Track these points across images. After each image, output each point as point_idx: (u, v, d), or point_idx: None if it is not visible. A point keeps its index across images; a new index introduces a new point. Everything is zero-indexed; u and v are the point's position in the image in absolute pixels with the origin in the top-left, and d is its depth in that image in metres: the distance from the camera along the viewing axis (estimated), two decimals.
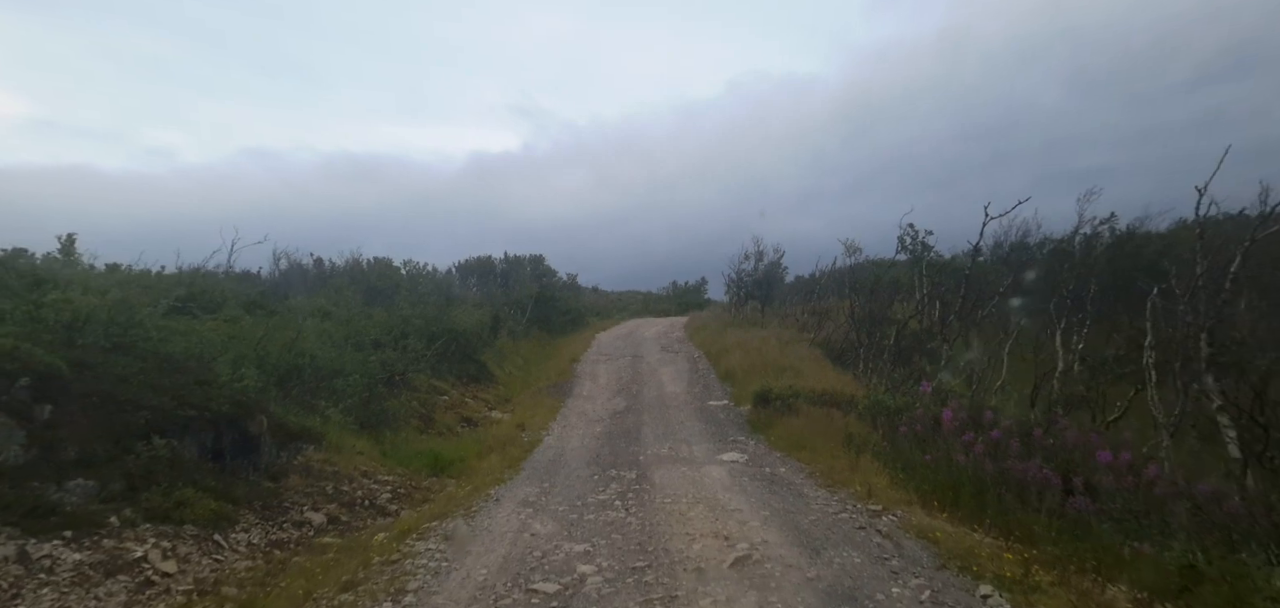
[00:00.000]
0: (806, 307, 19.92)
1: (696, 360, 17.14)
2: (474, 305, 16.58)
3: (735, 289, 21.66)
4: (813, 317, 18.81)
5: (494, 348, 17.57)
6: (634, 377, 15.23)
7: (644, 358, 18.22)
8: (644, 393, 13.11)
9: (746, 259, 21.15)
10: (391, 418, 9.65)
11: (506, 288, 21.65)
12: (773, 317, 20.83)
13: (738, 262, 21.13)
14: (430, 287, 17.98)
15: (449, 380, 14.20)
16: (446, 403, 12.72)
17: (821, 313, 18.81)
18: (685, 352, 18.89)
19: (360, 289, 15.37)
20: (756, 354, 14.12)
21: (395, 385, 11.61)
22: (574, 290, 30.44)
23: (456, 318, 14.51)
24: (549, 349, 21.33)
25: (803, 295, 21.57)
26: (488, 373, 16.09)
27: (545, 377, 16.29)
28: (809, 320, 18.65)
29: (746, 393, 11.52)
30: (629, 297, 42.88)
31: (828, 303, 20.26)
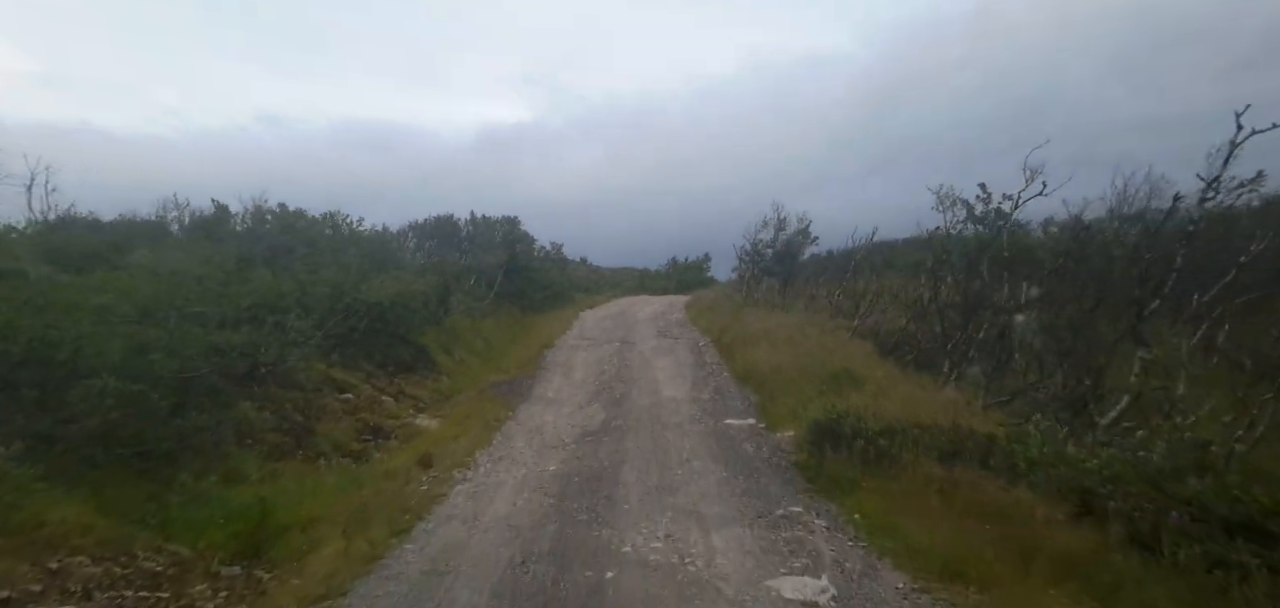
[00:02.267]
0: (838, 287, 16.05)
1: (702, 351, 13.28)
2: (415, 274, 12.74)
3: (750, 264, 17.71)
4: (848, 299, 14.94)
5: (442, 327, 13.66)
6: (620, 372, 11.37)
7: (635, 345, 14.35)
8: (631, 399, 9.26)
9: (764, 228, 17.25)
10: (207, 443, 5.76)
11: (473, 254, 17.77)
12: (796, 298, 16.93)
13: (754, 231, 17.24)
14: (366, 248, 14.12)
15: (364, 371, 10.31)
16: (347, 405, 8.84)
17: (857, 295, 14.93)
18: (687, 339, 15.02)
19: (263, 246, 11.54)
20: (789, 347, 10.26)
21: (259, 381, 7.71)
22: (558, 262, 26.51)
23: (378, 288, 10.59)
24: (519, 330, 17.43)
25: (831, 274, 17.68)
26: (428, 360, 12.20)
27: (505, 366, 12.41)
28: (844, 303, 14.79)
29: (782, 408, 7.69)
30: (623, 273, 38.89)
31: (860, 283, 16.37)
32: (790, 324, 12.35)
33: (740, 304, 17.71)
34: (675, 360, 12.31)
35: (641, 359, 12.60)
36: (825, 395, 7.38)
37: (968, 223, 12.70)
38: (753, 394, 9.00)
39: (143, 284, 7.34)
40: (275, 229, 11.93)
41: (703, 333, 15.79)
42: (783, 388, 8.37)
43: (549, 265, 25.23)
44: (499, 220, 19.54)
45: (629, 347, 14.21)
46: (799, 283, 18.03)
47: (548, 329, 17.22)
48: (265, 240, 11.77)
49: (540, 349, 14.33)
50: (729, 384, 9.87)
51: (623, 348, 14.06)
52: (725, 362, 11.62)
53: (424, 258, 18.56)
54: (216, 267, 9.60)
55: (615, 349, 13.96)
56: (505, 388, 10.41)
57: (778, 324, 12.44)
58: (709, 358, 12.41)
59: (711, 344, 13.95)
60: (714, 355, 12.65)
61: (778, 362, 9.60)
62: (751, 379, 9.66)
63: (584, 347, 14.52)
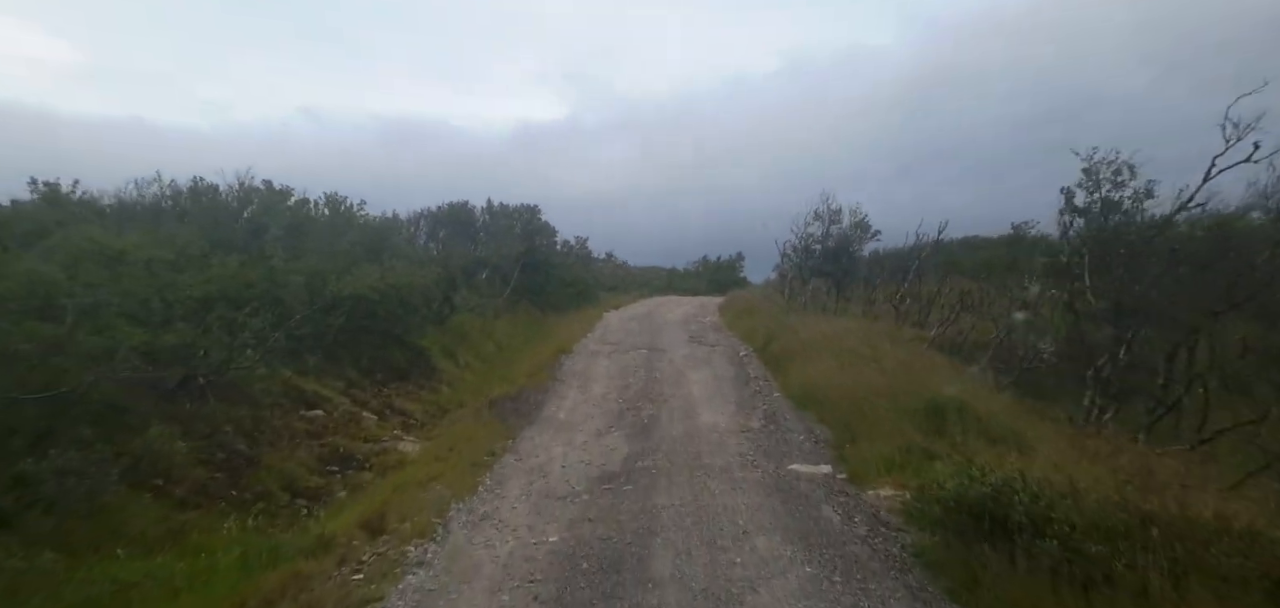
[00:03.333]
0: (900, 289, 13.86)
1: (743, 362, 11.32)
2: (417, 264, 11.13)
3: (799, 261, 15.58)
4: (914, 304, 12.76)
5: (447, 327, 12.02)
6: (647, 387, 9.50)
7: (665, 353, 12.46)
8: (662, 426, 7.39)
9: (815, 221, 15.09)
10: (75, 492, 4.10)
11: (489, 246, 16.15)
12: (850, 301, 14.78)
13: (803, 224, 15.12)
14: (365, 234, 12.61)
15: (345, 380, 8.68)
16: (314, 425, 7.19)
17: (928, 299, 12.75)
18: (725, 347, 13.07)
19: (244, 229, 10.09)
20: (859, 362, 8.26)
21: (195, 395, 6.10)
22: (581, 257, 24.81)
23: (365, 279, 8.96)
24: (536, 332, 15.73)
25: (886, 276, 15.47)
26: (427, 366, 10.55)
27: (514, 376, 10.66)
28: (910, 309, 12.62)
29: (868, 451, 5.71)
30: (651, 272, 37.05)
31: (927, 286, 14.14)
32: (852, 333, 10.29)
33: (784, 307, 15.65)
34: (712, 373, 10.39)
35: (673, 371, 10.70)
36: (928, 435, 5.36)
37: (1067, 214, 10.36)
38: (818, 426, 7.01)
39: (54, 270, 5.85)
40: (259, 210, 10.52)
41: (742, 340, 13.80)
42: (861, 419, 6.37)
43: (572, 261, 23.52)
44: (517, 209, 17.99)
45: (658, 355, 12.34)
46: (854, 284, 15.85)
47: (567, 331, 15.47)
48: (252, 222, 10.36)
49: (556, 355, 12.56)
50: (784, 409, 7.90)
51: (651, 356, 12.19)
52: (774, 378, 9.63)
53: (436, 249, 17.02)
54: (179, 250, 8.09)
55: (642, 357, 12.10)
56: (510, 405, 8.64)
57: (836, 332, 10.39)
58: (753, 372, 10.44)
59: (754, 355, 11.97)
60: (758, 368, 10.67)
61: (847, 382, 7.59)
62: (812, 404, 7.68)
63: (606, 353, 12.70)
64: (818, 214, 15.02)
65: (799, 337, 10.49)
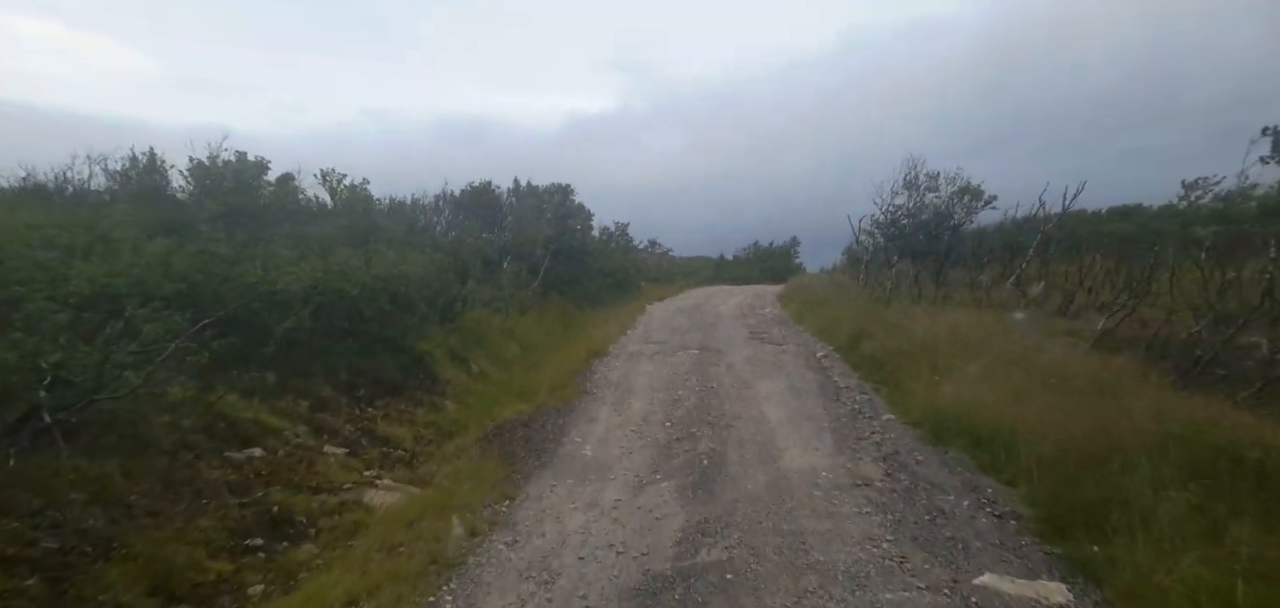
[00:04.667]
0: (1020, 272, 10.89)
1: (825, 367, 8.78)
2: (419, 252, 9.13)
3: (885, 239, 12.66)
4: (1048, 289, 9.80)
5: (457, 326, 10.00)
6: (702, 404, 7.16)
7: (721, 355, 10.05)
8: (729, 469, 5.03)
9: (907, 190, 12.08)
10: None
11: (514, 232, 14.13)
12: (951, 286, 11.87)
13: (888, 195, 12.19)
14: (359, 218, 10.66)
15: (313, 399, 6.68)
16: (245, 471, 5.14)
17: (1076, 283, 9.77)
18: (796, 346, 10.52)
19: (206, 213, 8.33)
20: (1008, 372, 5.58)
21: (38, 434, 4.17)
22: (621, 245, 22.57)
23: (340, 267, 6.93)
24: (567, 329, 13.59)
25: (995, 254, 12.44)
26: (428, 375, 8.52)
27: (535, 386, 8.50)
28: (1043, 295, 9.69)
29: (1132, 549, 3.12)
30: (698, 262, 34.47)
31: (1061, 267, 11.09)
32: (979, 329, 7.54)
33: (865, 295, 12.88)
34: (788, 384, 7.90)
35: (734, 380, 8.28)
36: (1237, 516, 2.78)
37: None
38: (987, 480, 4.45)
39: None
40: (230, 187, 8.76)
41: (818, 338, 11.20)
42: (1078, 475, 3.79)
43: (611, 248, 21.32)
44: (547, 189, 15.83)
45: (712, 357, 9.93)
46: (953, 267, 12.88)
47: (603, 329, 13.26)
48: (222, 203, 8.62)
49: (589, 358, 10.36)
50: (911, 445, 5.36)
51: (703, 359, 9.81)
52: (879, 393, 7.06)
53: (456, 235, 15.13)
54: (98, 235, 6.31)
55: (693, 361, 9.73)
56: (521, 433, 6.45)
57: (957, 328, 7.67)
58: (843, 381, 7.88)
59: (837, 357, 9.39)
60: (849, 376, 8.11)
61: (1012, 407, 4.96)
62: (959, 438, 5.11)
63: (649, 355, 10.40)
64: (908, 182, 12.16)
65: (907, 334, 7.84)
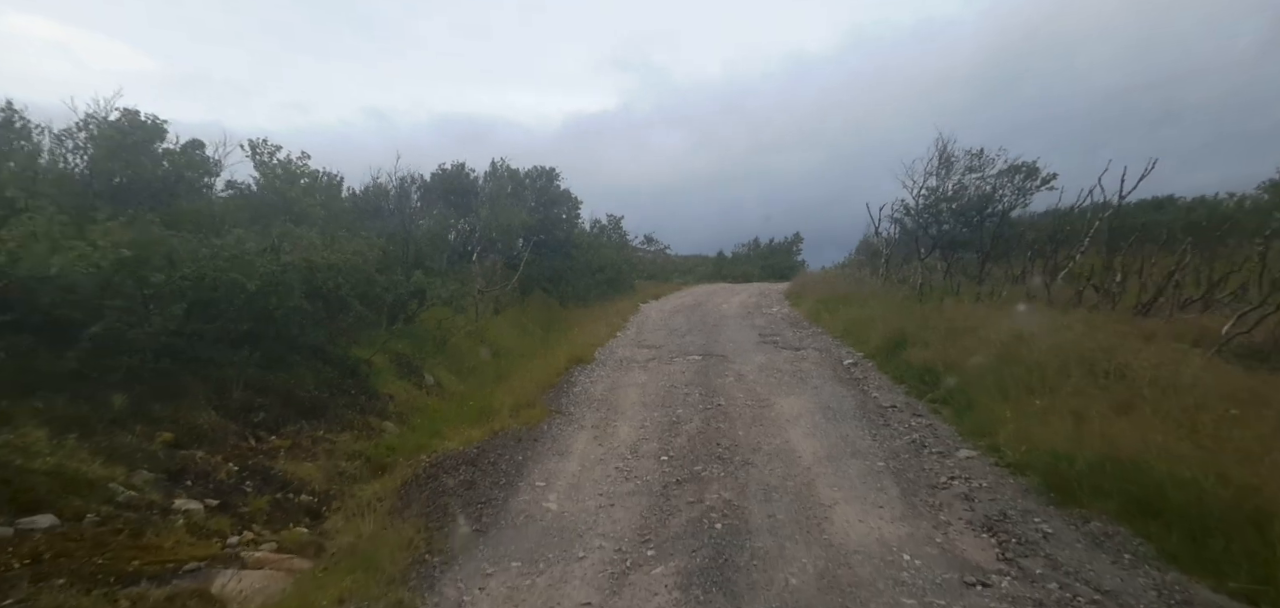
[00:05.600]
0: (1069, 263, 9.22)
1: (859, 379, 7.09)
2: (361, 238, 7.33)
3: (920, 225, 10.84)
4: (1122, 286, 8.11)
5: (413, 328, 8.28)
6: (709, 429, 5.48)
7: (728, 362, 8.36)
8: (757, 539, 3.31)
9: (944, 169, 10.26)
10: None
11: (490, 221, 12.35)
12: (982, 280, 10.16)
13: (922, 174, 10.43)
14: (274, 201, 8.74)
15: (184, 429, 4.92)
16: (23, 551, 3.38)
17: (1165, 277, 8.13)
18: (817, 351, 8.82)
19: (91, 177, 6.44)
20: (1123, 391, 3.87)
21: None
22: (614, 240, 20.82)
23: (232, 253, 5.18)
24: (550, 331, 11.87)
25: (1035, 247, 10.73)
26: (364, 390, 6.77)
27: (498, 404, 6.75)
28: (1116, 289, 8.01)
29: None
30: (696, 260, 32.75)
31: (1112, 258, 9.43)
32: (1053, 331, 5.83)
33: (892, 292, 11.17)
34: (816, 402, 6.22)
35: (748, 395, 6.59)
36: None
37: None
38: (1212, 592, 2.72)
39: None
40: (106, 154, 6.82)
41: (840, 340, 9.51)
42: None
43: (603, 243, 19.59)
44: (529, 174, 14.01)
45: (718, 365, 8.24)
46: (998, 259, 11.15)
47: (590, 331, 11.55)
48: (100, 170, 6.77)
49: (570, 366, 8.67)
50: (1023, 505, 3.65)
51: (707, 368, 8.11)
52: (940, 415, 5.36)
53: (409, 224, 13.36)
54: None
55: (694, 370, 8.03)
56: (464, 475, 4.73)
57: (1027, 331, 5.95)
58: (885, 397, 6.19)
59: (871, 366, 7.71)
60: (891, 391, 6.42)
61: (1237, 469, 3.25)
62: (1117, 500, 3.40)
63: (641, 363, 8.69)
64: (944, 159, 10.43)
65: (972, 339, 6.13)
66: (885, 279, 13.57)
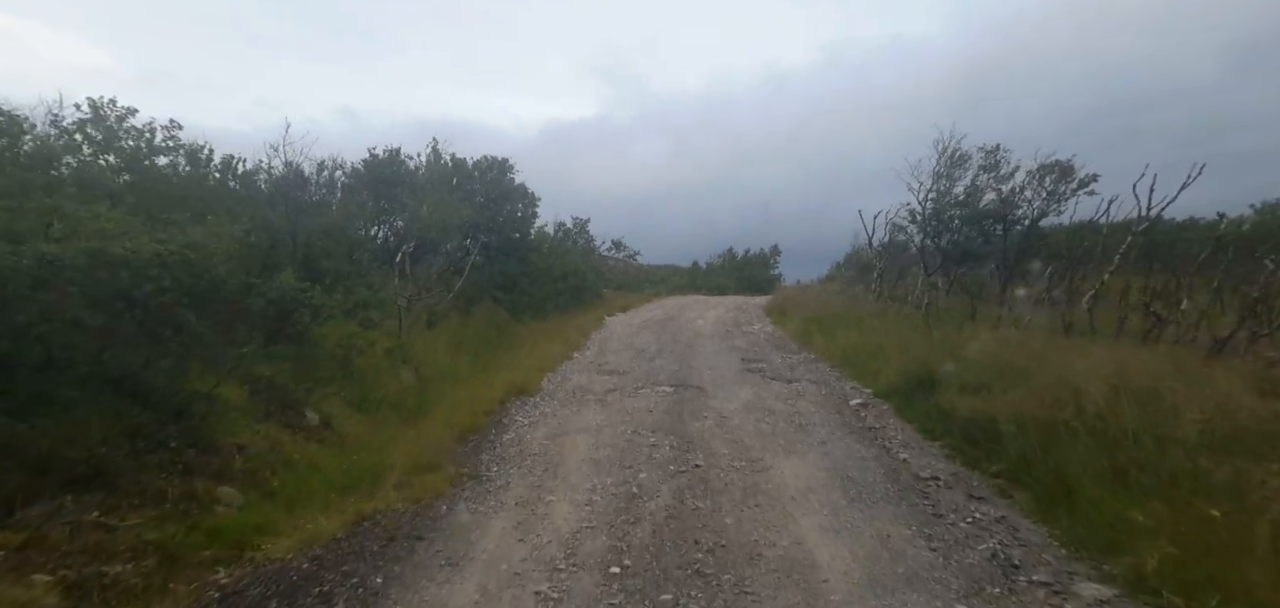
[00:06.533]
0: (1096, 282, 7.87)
1: (878, 428, 5.47)
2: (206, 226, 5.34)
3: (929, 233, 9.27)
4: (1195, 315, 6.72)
5: (296, 349, 6.30)
6: (682, 509, 3.74)
7: (706, 397, 6.63)
8: None
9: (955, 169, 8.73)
10: None
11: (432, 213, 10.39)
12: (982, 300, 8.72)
13: (931, 176, 8.85)
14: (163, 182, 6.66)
15: None
16: None
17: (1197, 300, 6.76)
18: (813, 382, 7.18)
19: None
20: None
21: None
22: (580, 246, 18.99)
23: None
24: (493, 350, 9.98)
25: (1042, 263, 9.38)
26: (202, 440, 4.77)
27: (388, 463, 4.85)
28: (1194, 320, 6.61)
29: None
30: (669, 270, 31.12)
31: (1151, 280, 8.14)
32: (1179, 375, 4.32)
33: (891, 310, 9.64)
34: (828, 465, 4.56)
35: (734, 450, 4.88)
36: None
37: None
38: None
39: None
40: None
41: (839, 370, 7.90)
42: None
43: (566, 248, 17.76)
44: (477, 164, 12.05)
45: (694, 401, 6.51)
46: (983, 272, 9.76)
47: (542, 350, 9.71)
48: None
49: (509, 396, 6.86)
50: None
51: (679, 404, 6.37)
52: (1013, 500, 3.74)
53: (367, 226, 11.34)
54: None
55: (664, 407, 6.28)
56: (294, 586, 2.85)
57: (1128, 368, 4.42)
58: (918, 460, 4.58)
59: (886, 408, 6.09)
60: (924, 451, 4.82)
61: None
62: None
63: (597, 396, 6.90)
64: (955, 158, 8.94)
65: (1041, 378, 4.54)
66: (878, 296, 12.13)
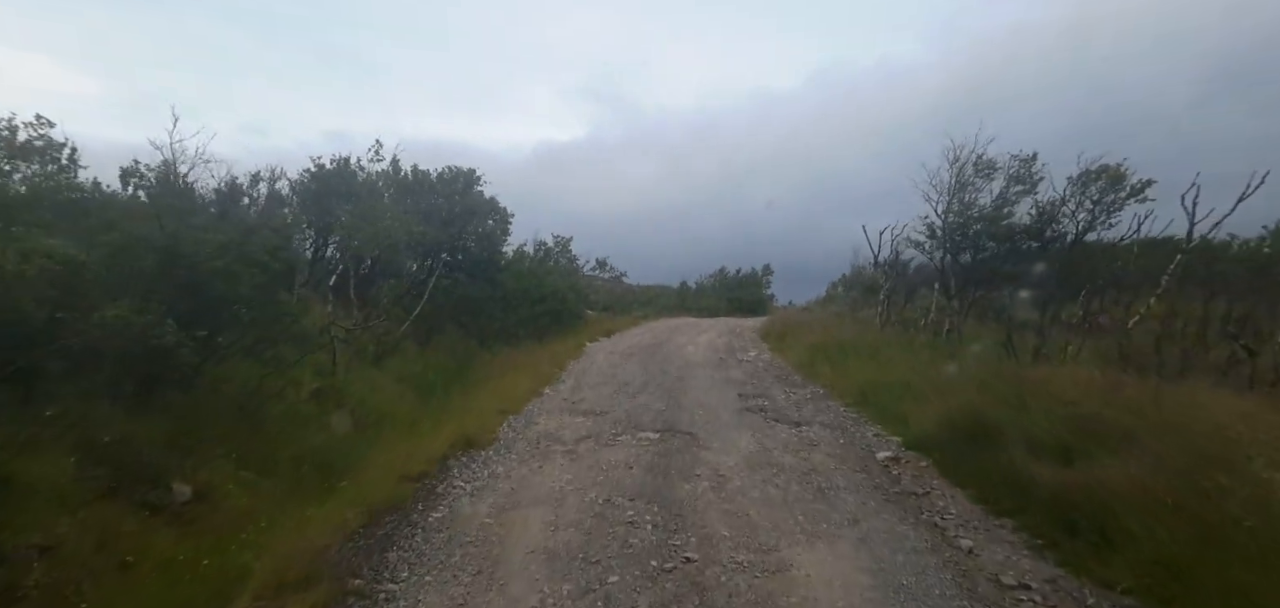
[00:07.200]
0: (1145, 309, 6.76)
1: (924, 496, 4.20)
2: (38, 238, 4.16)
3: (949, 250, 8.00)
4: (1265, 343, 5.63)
5: (193, 397, 4.91)
6: None
7: (700, 447, 5.30)
8: None
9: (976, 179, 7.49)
10: None
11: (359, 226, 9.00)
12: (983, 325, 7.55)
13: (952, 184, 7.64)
14: None
15: None
16: None
17: None
18: (826, 426, 5.90)
19: None
20: None
21: None
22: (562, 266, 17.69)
23: None
24: (456, 385, 8.64)
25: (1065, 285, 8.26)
26: None
27: (251, 567, 3.47)
28: None
29: None
30: (656, 291, 29.90)
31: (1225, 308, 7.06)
32: None
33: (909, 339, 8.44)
34: (868, 563, 3.29)
35: (738, 536, 3.58)
36: None
37: None
38: None
39: None
40: None
41: (856, 410, 6.64)
42: None
43: (546, 268, 16.46)
44: (441, 175, 10.67)
45: (683, 453, 5.19)
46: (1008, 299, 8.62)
47: (508, 385, 8.37)
48: None
49: (454, 449, 5.52)
50: None
51: (667, 460, 5.05)
52: None
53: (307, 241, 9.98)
54: None
55: (647, 461, 4.96)
56: None
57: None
58: (999, 563, 3.32)
59: (925, 465, 4.84)
60: (1004, 540, 3.56)
61: None
62: None
63: (567, 446, 5.56)
64: (978, 166, 7.79)
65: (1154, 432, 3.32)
66: (886, 320, 10.96)
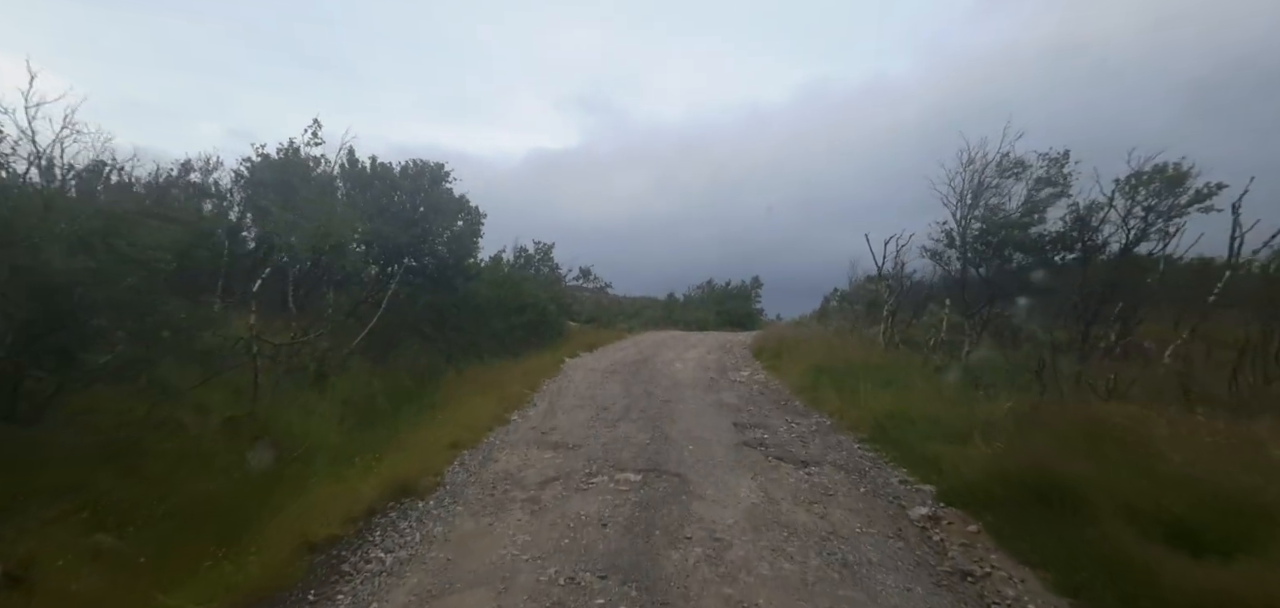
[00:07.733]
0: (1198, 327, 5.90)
1: (986, 580, 3.16)
2: None
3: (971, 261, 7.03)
4: None
5: (36, 432, 3.72)
6: None
7: (691, 495, 4.23)
8: None
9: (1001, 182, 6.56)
10: None
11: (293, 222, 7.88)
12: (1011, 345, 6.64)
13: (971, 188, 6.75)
14: None
15: None
16: None
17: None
18: (841, 466, 4.90)
19: None
20: None
21: None
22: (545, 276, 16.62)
23: None
24: (408, 408, 7.49)
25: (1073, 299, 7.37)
26: None
27: None
28: None
29: None
30: (643, 303, 28.89)
31: None
32: None
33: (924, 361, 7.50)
34: None
35: None
36: None
37: None
38: None
39: None
40: None
41: (872, 447, 5.64)
42: None
43: (526, 277, 15.35)
44: (404, 169, 9.56)
45: (670, 505, 4.12)
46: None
47: (470, 411, 7.25)
48: None
49: (389, 496, 4.40)
50: None
51: (649, 514, 3.97)
52: None
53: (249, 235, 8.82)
54: None
55: (625, 518, 3.88)
56: None
57: None
58: None
59: (977, 531, 3.83)
60: None
61: None
62: None
63: (528, 493, 4.47)
64: (1003, 167, 6.87)
65: None
66: (890, 339, 10.03)
